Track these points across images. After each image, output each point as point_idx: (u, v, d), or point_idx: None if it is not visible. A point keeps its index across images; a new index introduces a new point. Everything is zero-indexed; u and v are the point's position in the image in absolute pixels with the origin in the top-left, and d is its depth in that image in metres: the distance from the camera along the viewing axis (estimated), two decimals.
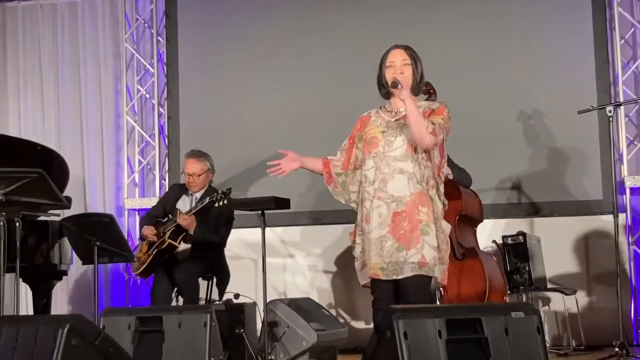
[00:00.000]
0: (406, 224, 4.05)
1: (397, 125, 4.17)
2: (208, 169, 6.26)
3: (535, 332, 3.42)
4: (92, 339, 3.53)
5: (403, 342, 3.23)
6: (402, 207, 4.06)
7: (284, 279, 7.48)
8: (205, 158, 6.28)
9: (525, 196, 7.11)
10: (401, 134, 4.13)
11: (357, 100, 7.30)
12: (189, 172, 6.22)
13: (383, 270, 4.07)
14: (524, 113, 7.13)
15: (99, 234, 5.54)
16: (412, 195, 4.07)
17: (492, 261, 5.99)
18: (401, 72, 4.17)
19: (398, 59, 4.20)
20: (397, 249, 4.05)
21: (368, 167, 4.18)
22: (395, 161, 4.11)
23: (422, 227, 4.05)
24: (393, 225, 4.07)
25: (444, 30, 7.28)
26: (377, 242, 4.09)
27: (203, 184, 6.26)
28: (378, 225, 4.10)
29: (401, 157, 4.11)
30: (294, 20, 7.62)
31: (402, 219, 4.06)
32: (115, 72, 7.96)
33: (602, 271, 6.81)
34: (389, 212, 4.08)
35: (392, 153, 4.12)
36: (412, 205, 4.06)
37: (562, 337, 6.89)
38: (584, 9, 7.11)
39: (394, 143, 4.13)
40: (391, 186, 4.09)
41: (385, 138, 4.15)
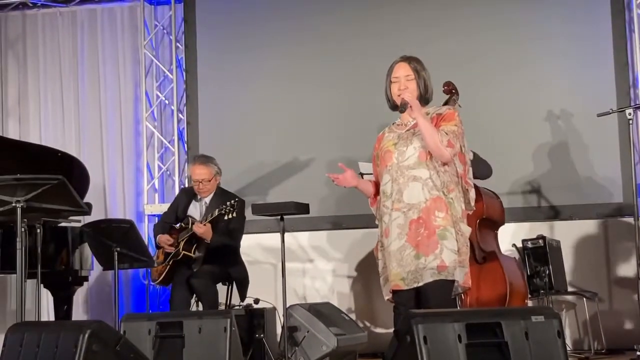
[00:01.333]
0: (423, 230, 4.06)
1: (407, 136, 4.21)
2: (216, 172, 6.26)
3: (556, 336, 3.40)
4: (112, 344, 3.55)
5: (423, 347, 3.22)
6: (419, 214, 4.08)
7: (303, 283, 7.48)
8: (211, 162, 6.28)
9: (545, 199, 7.08)
10: (412, 143, 4.16)
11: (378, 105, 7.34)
12: (198, 178, 6.21)
13: (404, 280, 4.08)
14: (543, 116, 7.10)
15: (119, 240, 5.57)
16: (427, 202, 4.08)
17: (513, 264, 5.95)
18: (405, 87, 4.20)
19: (401, 74, 4.24)
20: (415, 257, 4.06)
21: (385, 181, 4.21)
22: (409, 170, 4.14)
23: (439, 232, 4.05)
24: (410, 233, 4.08)
25: (461, 32, 7.26)
26: (397, 253, 4.10)
27: (212, 188, 6.26)
28: (397, 236, 4.11)
29: (414, 164, 4.13)
30: (313, 27, 7.62)
31: (419, 225, 4.07)
32: (135, 78, 8.00)
33: (623, 275, 6.78)
34: (406, 221, 4.09)
35: (406, 162, 4.15)
36: (428, 211, 4.07)
37: (583, 340, 6.85)
38: (603, 11, 7.08)
39: (406, 152, 4.16)
40: (406, 194, 4.11)
41: (397, 149, 4.19)
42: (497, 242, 6.00)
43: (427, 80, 4.25)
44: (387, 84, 4.30)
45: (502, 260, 5.80)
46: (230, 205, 5.85)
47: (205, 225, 5.98)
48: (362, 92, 7.38)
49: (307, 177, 7.47)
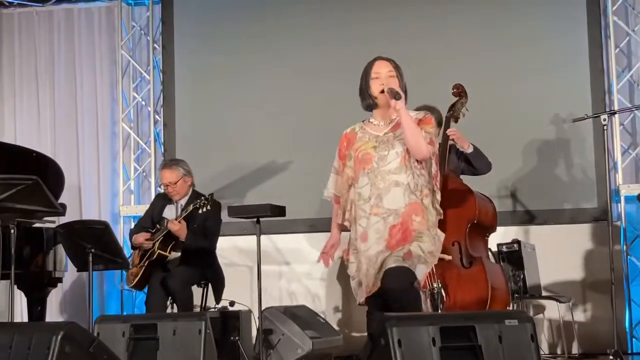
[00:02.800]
0: (400, 234, 4.06)
1: (387, 139, 4.17)
2: (183, 174, 6.26)
3: (529, 339, 3.42)
4: (86, 346, 3.53)
5: (397, 350, 3.23)
6: (398, 219, 4.07)
7: (279, 286, 7.48)
8: (177, 165, 6.29)
9: (520, 204, 7.12)
10: (393, 147, 4.13)
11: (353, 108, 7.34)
12: (165, 182, 6.25)
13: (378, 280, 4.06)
14: (519, 120, 7.14)
15: (94, 241, 5.54)
16: (406, 207, 4.08)
17: (498, 270, 5.94)
18: (388, 83, 4.15)
19: (384, 70, 4.21)
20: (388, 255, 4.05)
21: (362, 184, 4.16)
22: (390, 174, 4.11)
23: (416, 236, 4.04)
24: (389, 238, 4.07)
25: (437, 37, 7.29)
26: (374, 258, 4.08)
27: (183, 190, 6.26)
28: (376, 241, 4.09)
29: (396, 169, 4.11)
30: (292, 29, 7.63)
31: (397, 231, 4.07)
32: (111, 78, 7.97)
33: (596, 279, 6.82)
34: (385, 227, 4.08)
35: (387, 167, 4.12)
36: (406, 216, 4.07)
37: (556, 344, 6.89)
38: (580, 17, 7.13)
39: (388, 157, 4.13)
40: (387, 200, 4.09)
41: (378, 153, 4.15)
42: (487, 247, 5.98)
43: (404, 82, 4.24)
44: (366, 81, 4.24)
45: (487, 265, 5.79)
46: (204, 199, 5.86)
47: (180, 222, 5.97)
48: (341, 96, 7.35)
49: (284, 180, 7.47)
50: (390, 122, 4.21)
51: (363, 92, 4.26)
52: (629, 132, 7.11)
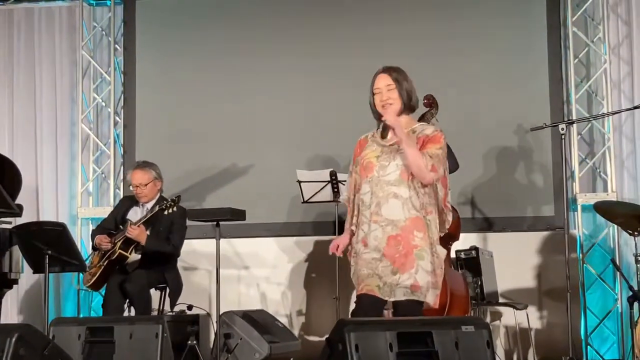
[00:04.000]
0: (401, 247, 4.10)
1: (390, 150, 4.22)
2: (155, 177, 6.24)
3: (485, 346, 3.45)
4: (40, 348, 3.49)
5: (354, 355, 3.24)
6: (397, 231, 4.11)
7: (238, 290, 7.45)
8: (150, 167, 6.27)
9: (479, 211, 7.18)
10: (395, 159, 4.19)
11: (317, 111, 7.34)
12: (135, 183, 6.21)
13: (379, 288, 4.10)
14: (478, 129, 7.20)
15: (51, 243, 5.49)
16: (406, 220, 4.12)
17: (459, 278, 5.97)
18: (387, 97, 4.21)
19: (383, 85, 4.25)
20: (391, 271, 4.09)
21: (364, 191, 4.23)
22: (389, 185, 4.16)
23: (417, 252, 4.09)
24: (387, 248, 4.11)
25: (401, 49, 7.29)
26: (372, 262, 4.13)
27: (152, 193, 6.23)
28: (374, 248, 4.14)
29: (395, 181, 4.16)
30: (252, 30, 7.62)
31: (397, 242, 4.11)
32: (71, 79, 7.89)
33: (553, 287, 6.89)
34: (384, 235, 4.13)
35: (386, 177, 4.17)
36: (407, 230, 4.11)
37: (512, 351, 6.95)
38: (540, 28, 7.20)
39: (388, 168, 4.18)
40: (385, 210, 4.14)
41: (379, 162, 4.21)
42: (449, 255, 6.02)
43: (410, 89, 4.27)
44: (371, 96, 4.30)
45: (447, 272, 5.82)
46: (171, 200, 5.84)
47: (139, 227, 5.94)
48: (302, 98, 7.40)
49: (245, 184, 7.46)
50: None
51: (371, 105, 4.31)
52: (587, 141, 7.20)
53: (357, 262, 4.21)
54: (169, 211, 5.89)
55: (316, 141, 7.23)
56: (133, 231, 5.94)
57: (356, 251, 4.24)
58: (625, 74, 7.10)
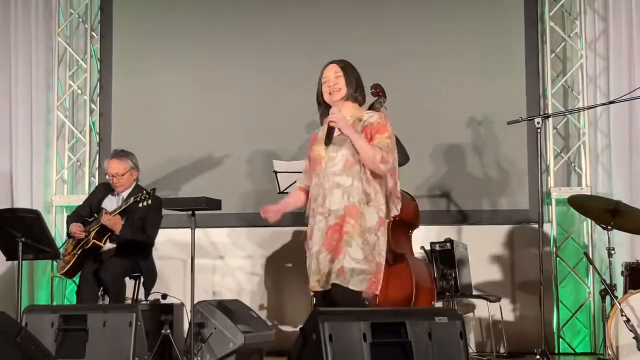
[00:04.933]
0: (337, 235, 4.15)
1: (338, 141, 4.25)
2: (131, 167, 6.21)
3: (458, 337, 3.48)
4: (13, 336, 3.47)
5: (328, 345, 3.25)
6: (337, 220, 4.16)
7: (213, 280, 7.44)
8: (127, 157, 6.23)
9: (454, 204, 7.21)
10: (341, 149, 4.22)
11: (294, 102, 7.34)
12: (112, 172, 6.17)
13: (319, 282, 4.17)
14: (455, 122, 7.22)
15: (25, 230, 5.46)
16: (345, 209, 4.16)
17: (422, 267, 6.04)
18: (335, 83, 4.27)
19: (331, 73, 4.32)
20: (329, 260, 4.14)
21: (313, 184, 4.29)
22: (334, 176, 4.20)
23: (346, 238, 4.13)
24: (327, 238, 4.17)
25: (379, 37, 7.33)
26: (315, 256, 4.19)
27: (128, 183, 6.20)
28: (317, 240, 4.20)
29: (339, 171, 4.20)
30: (229, 19, 7.60)
31: (334, 231, 4.16)
32: (47, 65, 7.82)
33: (526, 280, 6.94)
34: (326, 226, 4.18)
35: (333, 168, 4.21)
36: (343, 218, 4.16)
37: (485, 343, 6.99)
38: (517, 22, 7.24)
39: (335, 159, 4.22)
40: (330, 201, 4.19)
41: (328, 154, 4.25)
42: (410, 244, 6.08)
43: (358, 80, 4.33)
44: (319, 86, 4.35)
45: (411, 261, 5.87)
46: (146, 193, 5.81)
47: (115, 216, 5.91)
48: (279, 89, 7.39)
49: (221, 173, 7.44)
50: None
51: (318, 96, 4.37)
52: (562, 135, 7.25)
53: (308, 256, 4.28)
54: (143, 204, 5.86)
55: (293, 132, 7.22)
56: (108, 220, 5.91)
57: (307, 246, 4.31)
58: (602, 69, 7.15)
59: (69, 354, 4.78)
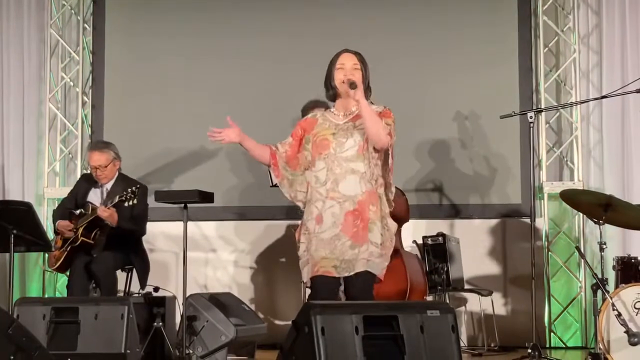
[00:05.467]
0: (359, 222, 4.14)
1: (347, 127, 4.27)
2: (114, 157, 6.16)
3: (450, 330, 3.49)
4: (4, 328, 3.46)
5: (320, 338, 3.26)
6: (355, 206, 4.15)
7: (205, 273, 7.44)
8: (108, 148, 6.19)
9: (447, 198, 7.22)
10: (352, 136, 4.23)
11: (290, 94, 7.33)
12: (95, 165, 6.12)
13: (336, 268, 4.12)
14: (448, 116, 7.23)
15: (16, 222, 5.44)
16: (364, 194, 4.17)
17: (415, 261, 6.05)
18: (352, 74, 4.26)
19: (349, 62, 4.30)
20: (350, 247, 4.12)
21: (319, 168, 4.25)
22: (347, 162, 4.19)
23: (369, 225, 4.14)
24: (345, 223, 4.14)
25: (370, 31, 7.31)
26: (330, 241, 4.14)
27: (111, 174, 6.17)
28: (332, 225, 4.16)
29: (352, 157, 4.20)
30: (221, 13, 7.58)
31: (355, 217, 4.15)
32: (39, 57, 7.79)
33: (518, 274, 6.95)
34: (341, 212, 4.15)
35: (344, 154, 4.20)
36: (363, 204, 4.16)
37: (477, 337, 7.00)
38: (510, 16, 7.24)
39: (346, 144, 4.22)
40: (343, 186, 4.17)
41: (336, 139, 4.23)
42: (400, 238, 6.09)
43: (368, 76, 4.35)
44: (330, 71, 4.33)
45: (405, 256, 5.88)
46: (131, 192, 5.79)
47: (110, 208, 5.88)
48: (274, 81, 7.37)
49: (214, 166, 7.43)
50: (351, 113, 4.31)
51: (327, 81, 4.35)
52: (554, 130, 7.26)
53: (310, 241, 4.21)
54: (129, 203, 5.83)
55: (285, 125, 7.20)
56: (104, 213, 5.87)
57: (308, 229, 4.24)
58: (594, 63, 7.16)
59: (60, 346, 4.78)
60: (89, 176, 6.31)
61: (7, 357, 3.35)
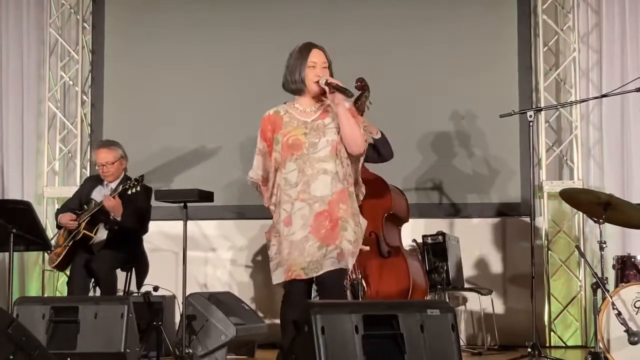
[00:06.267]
0: (327, 222, 4.07)
1: (317, 127, 4.16)
2: (121, 156, 6.18)
3: (450, 329, 3.48)
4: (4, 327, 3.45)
5: (320, 337, 3.24)
6: (325, 207, 4.07)
7: (204, 272, 7.44)
8: (115, 146, 6.20)
9: (446, 197, 7.21)
10: (325, 135, 4.13)
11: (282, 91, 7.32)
12: (102, 162, 6.12)
13: (304, 269, 4.06)
14: (447, 114, 7.22)
15: (16, 221, 5.43)
16: (333, 194, 4.09)
17: (416, 261, 6.04)
18: (323, 73, 4.15)
19: (319, 61, 4.19)
20: (318, 248, 4.05)
21: (289, 169, 4.13)
22: (319, 162, 4.11)
23: (341, 224, 4.06)
24: (315, 225, 4.07)
25: (368, 28, 7.31)
26: (300, 244, 4.07)
27: (117, 172, 6.17)
28: (301, 227, 4.08)
29: (325, 157, 4.11)
30: (221, 13, 7.57)
31: (323, 218, 4.07)
32: (39, 57, 7.79)
33: (518, 273, 6.95)
34: (311, 213, 4.08)
35: (317, 154, 4.11)
36: (333, 204, 4.08)
37: (477, 336, 7.00)
38: (510, 15, 7.24)
39: (318, 145, 4.12)
40: (314, 187, 4.09)
41: (309, 140, 4.13)
42: (401, 238, 6.09)
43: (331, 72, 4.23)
44: (301, 67, 4.21)
45: (406, 256, 5.87)
46: (135, 180, 5.79)
47: (115, 198, 5.86)
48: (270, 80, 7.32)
49: (213, 166, 7.43)
50: (317, 110, 4.20)
51: (294, 75, 4.22)
52: (554, 129, 7.25)
53: (281, 243, 4.13)
54: (132, 190, 5.83)
55: None
56: (109, 201, 5.85)
57: (278, 232, 4.16)
58: (594, 62, 7.15)
59: (60, 345, 4.77)
60: (95, 177, 6.33)
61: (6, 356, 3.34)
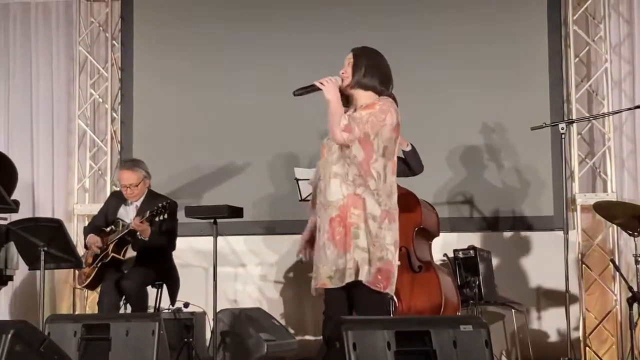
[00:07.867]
0: (341, 228, 4.02)
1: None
2: (144, 176, 6.16)
3: (484, 345, 3.43)
4: (36, 345, 3.46)
5: (352, 353, 3.21)
6: (337, 212, 4.02)
7: (234, 288, 7.42)
8: (138, 166, 6.18)
9: (477, 211, 7.14)
10: None
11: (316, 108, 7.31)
12: (126, 184, 6.12)
13: (331, 278, 4.04)
14: (478, 128, 7.17)
15: (47, 239, 5.45)
16: (345, 198, 4.02)
17: (448, 276, 5.98)
18: (345, 71, 4.19)
19: (345, 61, 4.23)
20: (337, 255, 4.00)
21: (318, 177, 4.20)
22: (331, 165, 4.09)
23: (353, 230, 3.99)
24: (330, 230, 4.03)
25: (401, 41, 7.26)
26: (322, 250, 4.06)
27: (141, 192, 6.16)
28: (322, 233, 4.08)
29: (335, 160, 4.09)
30: (251, 27, 7.57)
31: (337, 224, 4.03)
32: (68, 74, 7.84)
33: (551, 288, 6.87)
34: (326, 218, 4.06)
35: (330, 158, 4.11)
36: (344, 209, 4.02)
37: (510, 352, 6.92)
38: (541, 26, 7.18)
39: (333, 148, 4.12)
40: (329, 192, 4.07)
41: (327, 145, 4.16)
42: (431, 252, 6.04)
43: (368, 65, 4.18)
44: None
45: (438, 271, 5.82)
46: (162, 207, 5.78)
47: (143, 222, 5.86)
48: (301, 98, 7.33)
49: (243, 181, 7.42)
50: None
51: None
52: (586, 141, 7.17)
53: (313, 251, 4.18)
54: (160, 217, 5.82)
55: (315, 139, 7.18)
56: (138, 225, 5.85)
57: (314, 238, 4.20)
58: (626, 73, 7.07)
59: None
60: (119, 193, 6.32)
61: None
